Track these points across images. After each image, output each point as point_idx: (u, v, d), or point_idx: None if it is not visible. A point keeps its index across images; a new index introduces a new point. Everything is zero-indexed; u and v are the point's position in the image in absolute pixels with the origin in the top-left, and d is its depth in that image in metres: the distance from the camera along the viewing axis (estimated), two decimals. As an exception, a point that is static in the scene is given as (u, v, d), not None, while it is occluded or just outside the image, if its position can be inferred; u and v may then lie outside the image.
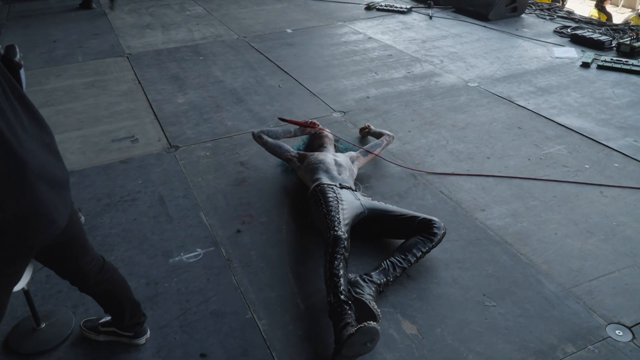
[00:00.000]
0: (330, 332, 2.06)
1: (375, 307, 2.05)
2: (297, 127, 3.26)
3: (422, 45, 5.54)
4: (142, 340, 2.03)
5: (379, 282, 2.21)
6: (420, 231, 2.43)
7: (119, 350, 2.02)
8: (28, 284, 1.90)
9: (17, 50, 1.40)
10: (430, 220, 2.46)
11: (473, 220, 2.74)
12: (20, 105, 1.38)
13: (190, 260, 2.49)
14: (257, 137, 3.11)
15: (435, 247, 2.41)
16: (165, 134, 3.69)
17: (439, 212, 2.78)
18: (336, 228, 2.31)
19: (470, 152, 3.39)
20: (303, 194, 2.87)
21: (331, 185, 2.58)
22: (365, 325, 1.87)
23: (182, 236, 2.65)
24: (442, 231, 2.44)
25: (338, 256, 2.17)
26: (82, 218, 2.75)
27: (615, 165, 3.20)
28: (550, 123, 3.75)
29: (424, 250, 2.37)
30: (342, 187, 2.60)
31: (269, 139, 3.09)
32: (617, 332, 2.07)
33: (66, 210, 1.51)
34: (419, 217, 2.49)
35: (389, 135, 3.34)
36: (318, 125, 3.24)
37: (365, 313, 2.02)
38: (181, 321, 2.15)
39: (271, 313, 2.19)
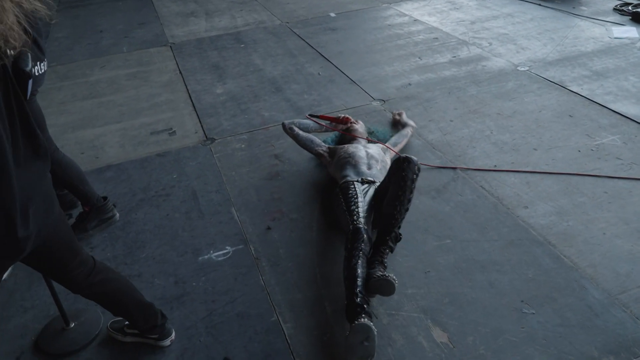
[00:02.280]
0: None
1: (387, 275, 2.02)
2: (329, 122, 3.17)
3: (471, 26, 5.28)
4: (167, 342, 2.03)
5: (381, 260, 2.17)
6: (394, 178, 2.30)
7: (144, 352, 2.03)
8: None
9: (30, 59, 1.38)
10: (396, 161, 2.33)
11: (515, 218, 2.59)
12: (21, 125, 1.36)
13: (219, 259, 2.47)
14: (288, 129, 3.05)
15: (412, 189, 2.26)
16: (202, 126, 3.69)
17: (478, 209, 2.65)
18: (355, 221, 2.26)
19: (516, 143, 3.20)
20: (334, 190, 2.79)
21: (353, 181, 2.51)
22: (356, 322, 1.83)
23: (213, 233, 2.64)
24: (413, 172, 2.26)
25: (356, 253, 2.12)
26: (117, 215, 2.78)
27: (677, 157, 2.94)
28: (605, 110, 3.49)
29: (401, 202, 2.24)
30: (364, 182, 2.51)
31: (300, 132, 3.03)
32: (668, 346, 1.90)
33: (39, 223, 1.48)
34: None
35: (413, 126, 3.26)
36: (350, 119, 3.13)
37: (386, 288, 2.02)
38: (206, 323, 2.14)
39: (297, 316, 2.15)
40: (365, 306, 1.95)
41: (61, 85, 4.59)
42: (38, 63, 2.22)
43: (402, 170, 2.27)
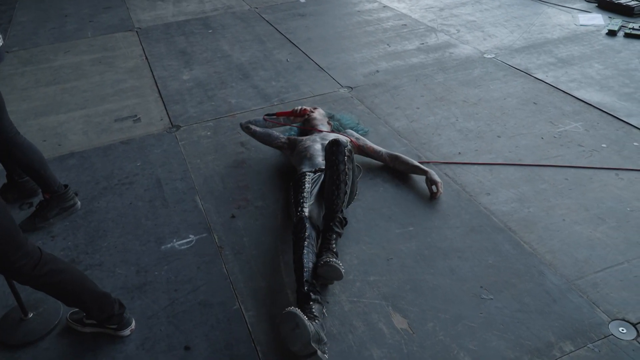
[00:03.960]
0: (318, 326, 2.01)
1: (330, 260, 2.05)
2: (287, 117, 3.10)
3: (439, 13, 5.30)
4: (127, 332, 2.01)
5: (328, 247, 2.17)
6: (327, 163, 2.31)
7: (103, 342, 2.00)
8: None
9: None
10: (327, 144, 2.34)
11: (477, 205, 2.62)
12: None
13: (182, 248, 2.45)
14: (245, 128, 3.02)
15: (346, 171, 2.27)
16: (167, 113, 3.63)
17: (442, 196, 2.67)
18: (299, 211, 2.27)
19: (480, 131, 3.23)
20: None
21: (306, 172, 2.51)
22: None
23: (176, 222, 2.61)
24: (342, 154, 2.26)
25: (301, 243, 2.13)
26: (78, 204, 2.73)
27: (635, 144, 3.01)
28: (569, 98, 3.55)
29: (337, 187, 2.26)
30: (317, 171, 2.52)
31: (257, 129, 2.99)
32: (620, 329, 1.95)
33: None
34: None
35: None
36: (307, 110, 3.06)
37: (332, 274, 2.07)
38: (168, 312, 2.12)
39: (259, 304, 2.14)
40: (311, 294, 1.96)
41: (24, 70, 4.46)
42: None
43: (332, 154, 2.28)
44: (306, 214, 2.26)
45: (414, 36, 4.74)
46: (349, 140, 2.37)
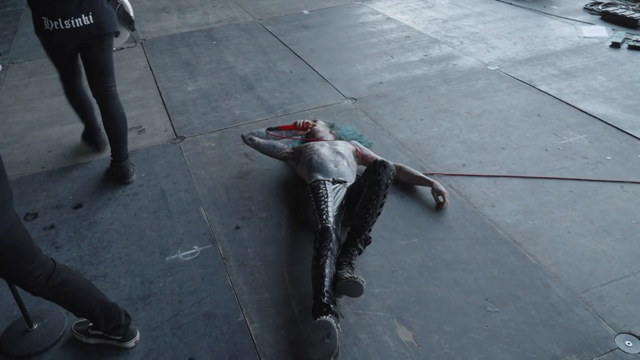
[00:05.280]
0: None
1: (356, 277, 2.02)
2: (289, 131, 3.07)
3: (443, 25, 5.32)
4: (131, 344, 2.00)
5: (349, 261, 2.18)
6: (369, 181, 2.34)
7: (108, 354, 2.00)
8: None
9: None
10: (373, 163, 2.36)
11: (481, 217, 2.62)
12: None
13: (187, 259, 2.45)
14: (248, 140, 2.97)
15: (386, 193, 2.30)
16: (172, 124, 3.65)
17: (446, 208, 2.67)
18: (324, 220, 2.26)
19: (484, 142, 3.23)
20: (304, 189, 2.79)
21: (323, 180, 2.50)
22: (317, 320, 1.83)
23: (181, 233, 2.61)
24: (387, 176, 2.30)
25: (325, 252, 2.12)
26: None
27: None
28: (572, 110, 3.56)
29: (374, 206, 2.28)
30: (335, 181, 2.51)
31: (261, 140, 2.96)
32: (626, 342, 1.94)
33: None
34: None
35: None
36: (309, 124, 3.03)
37: (354, 290, 2.03)
38: (172, 323, 2.12)
39: (263, 316, 2.14)
40: (331, 306, 1.95)
41: (28, 81, 4.49)
42: None
43: (377, 175, 2.30)
44: (332, 224, 2.25)
45: (418, 48, 4.76)
46: (393, 165, 2.38)
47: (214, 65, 4.60)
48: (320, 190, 2.44)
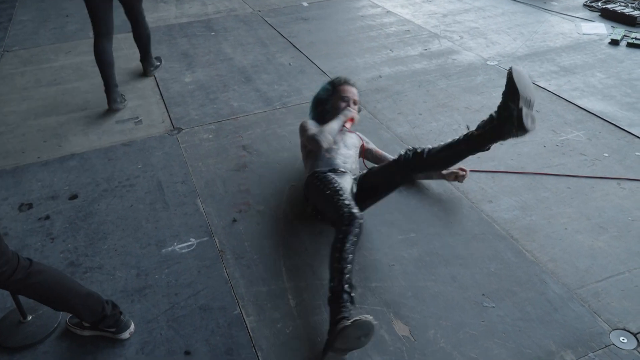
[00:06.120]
0: (320, 330, 2.00)
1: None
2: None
3: (443, 19, 5.30)
4: (126, 335, 2.00)
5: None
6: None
7: (103, 345, 1.99)
8: None
9: None
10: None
11: (479, 212, 2.61)
12: None
13: (183, 251, 2.44)
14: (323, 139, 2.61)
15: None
16: (169, 115, 3.62)
17: (444, 203, 2.67)
18: (350, 205, 2.16)
19: (483, 138, 3.22)
20: (300, 181, 2.79)
21: (326, 170, 2.48)
22: (361, 318, 1.79)
23: (177, 225, 2.60)
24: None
25: (352, 237, 2.03)
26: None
27: (637, 154, 3.01)
28: (571, 106, 3.55)
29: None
30: (338, 171, 2.49)
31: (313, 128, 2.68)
32: (621, 338, 1.95)
33: None
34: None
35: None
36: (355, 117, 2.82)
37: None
38: (168, 316, 2.11)
39: (260, 309, 2.13)
40: (352, 294, 1.92)
41: (24, 70, 4.46)
42: None
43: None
44: (359, 213, 2.13)
45: (417, 42, 4.74)
46: None
47: (212, 56, 4.57)
48: (329, 177, 2.40)
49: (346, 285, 1.93)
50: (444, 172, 2.71)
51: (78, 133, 3.44)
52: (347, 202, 2.21)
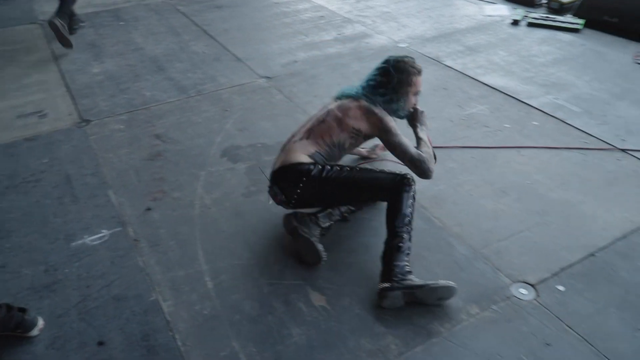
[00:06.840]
0: (239, 308, 2.01)
1: (321, 248, 2.18)
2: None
3: (356, 5, 5.40)
4: (35, 332, 1.92)
5: (323, 225, 2.31)
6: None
7: (10, 344, 1.90)
8: None
9: None
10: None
11: (391, 185, 2.70)
12: None
13: (95, 243, 2.36)
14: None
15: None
16: (76, 108, 3.48)
17: (357, 179, 2.73)
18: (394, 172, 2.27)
19: (394, 115, 3.33)
20: (216, 166, 2.79)
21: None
22: (449, 283, 2.00)
23: (88, 217, 2.52)
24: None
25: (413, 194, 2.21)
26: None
27: (534, 123, 3.22)
28: (476, 83, 3.74)
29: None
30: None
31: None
32: (520, 290, 2.10)
33: None
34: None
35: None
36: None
37: (311, 252, 2.19)
38: (79, 309, 2.04)
39: (177, 293, 2.11)
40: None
41: None
42: None
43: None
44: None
45: (331, 27, 4.81)
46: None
47: (122, 46, 4.42)
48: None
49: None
50: (366, 153, 2.87)
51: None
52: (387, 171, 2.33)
